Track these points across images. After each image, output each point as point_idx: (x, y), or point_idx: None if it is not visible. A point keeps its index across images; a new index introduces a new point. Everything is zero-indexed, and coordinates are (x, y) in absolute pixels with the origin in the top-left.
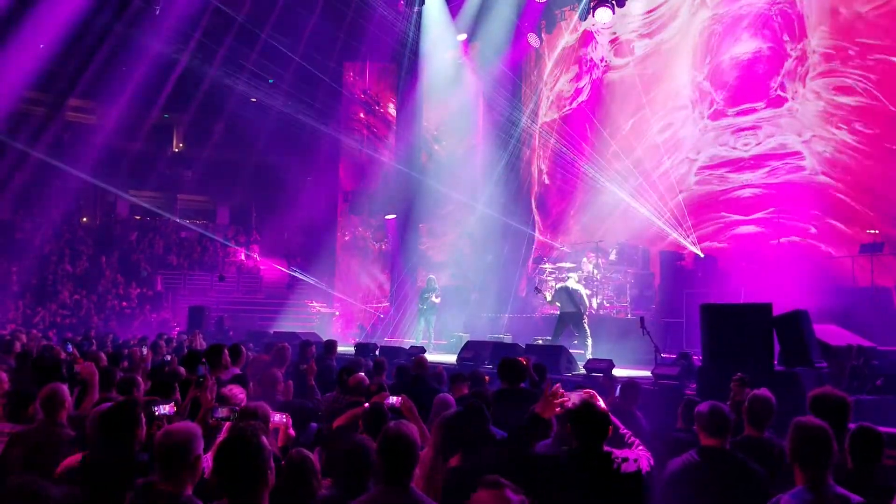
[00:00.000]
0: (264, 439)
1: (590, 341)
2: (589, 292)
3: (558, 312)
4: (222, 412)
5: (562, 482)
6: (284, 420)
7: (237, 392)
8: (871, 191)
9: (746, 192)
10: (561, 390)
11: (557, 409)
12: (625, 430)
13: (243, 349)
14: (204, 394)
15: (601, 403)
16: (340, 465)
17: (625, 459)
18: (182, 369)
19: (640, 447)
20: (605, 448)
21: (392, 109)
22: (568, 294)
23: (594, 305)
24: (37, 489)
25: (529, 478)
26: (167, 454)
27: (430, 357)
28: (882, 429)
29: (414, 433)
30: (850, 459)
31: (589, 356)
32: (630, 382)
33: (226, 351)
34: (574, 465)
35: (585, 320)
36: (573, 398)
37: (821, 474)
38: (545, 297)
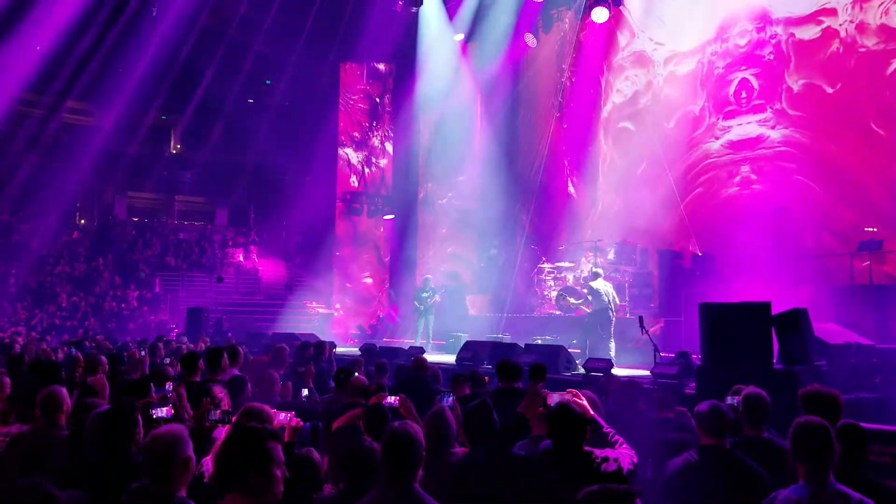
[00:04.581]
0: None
1: (612, 343)
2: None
3: (588, 311)
4: (216, 415)
5: (541, 483)
6: (288, 417)
7: (217, 392)
8: None
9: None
10: (543, 390)
11: (540, 409)
12: (608, 430)
13: (241, 350)
14: (206, 398)
15: (584, 402)
16: (345, 467)
17: (605, 459)
18: (170, 370)
19: (624, 446)
20: (586, 448)
21: (390, 110)
22: (602, 293)
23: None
24: (46, 492)
25: (509, 479)
26: (155, 457)
27: (429, 357)
28: (869, 425)
29: (418, 433)
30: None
31: (612, 357)
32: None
33: (225, 353)
34: (552, 466)
35: (612, 321)
36: (554, 397)
37: (821, 471)
38: (570, 302)
